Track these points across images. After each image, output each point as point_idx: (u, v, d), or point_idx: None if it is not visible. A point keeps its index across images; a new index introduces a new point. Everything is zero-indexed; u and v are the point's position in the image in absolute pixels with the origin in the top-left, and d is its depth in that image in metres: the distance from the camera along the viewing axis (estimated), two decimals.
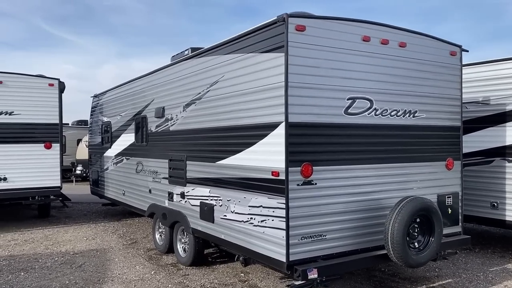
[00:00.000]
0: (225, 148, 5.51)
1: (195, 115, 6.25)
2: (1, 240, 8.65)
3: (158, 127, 7.49)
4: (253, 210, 4.95)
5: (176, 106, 6.84)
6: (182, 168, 6.63)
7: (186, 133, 6.54)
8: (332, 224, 4.73)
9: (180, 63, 6.80)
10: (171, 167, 7.01)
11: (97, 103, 11.43)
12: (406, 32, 5.33)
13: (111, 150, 10.01)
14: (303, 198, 4.53)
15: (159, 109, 7.40)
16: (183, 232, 6.87)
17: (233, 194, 5.34)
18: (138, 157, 8.47)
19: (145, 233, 9.15)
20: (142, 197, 8.26)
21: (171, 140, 7.02)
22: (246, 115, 5.07)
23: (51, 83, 9.93)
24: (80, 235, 9.01)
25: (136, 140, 8.51)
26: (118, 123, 9.58)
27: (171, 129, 7.03)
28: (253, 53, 4.91)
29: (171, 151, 7.03)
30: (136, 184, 8.58)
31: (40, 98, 9.79)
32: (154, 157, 7.71)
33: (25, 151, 9.59)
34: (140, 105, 8.38)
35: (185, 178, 6.54)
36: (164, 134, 7.29)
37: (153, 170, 7.73)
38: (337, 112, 4.77)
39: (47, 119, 9.87)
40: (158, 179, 7.53)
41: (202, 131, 6.06)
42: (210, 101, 5.87)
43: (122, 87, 9.54)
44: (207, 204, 5.91)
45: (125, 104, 9.25)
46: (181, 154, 6.66)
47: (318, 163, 4.63)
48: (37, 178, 9.66)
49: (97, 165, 11.30)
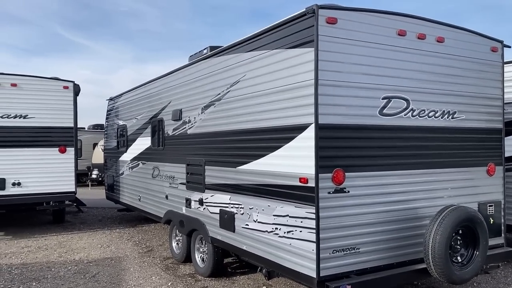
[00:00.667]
0: (247, 152, 5.14)
1: (214, 117, 5.90)
2: (15, 246, 8.41)
3: (175, 130, 7.17)
4: (278, 220, 4.56)
5: (194, 108, 6.50)
6: (200, 174, 6.28)
7: (204, 136, 6.19)
8: (366, 236, 4.30)
9: (198, 63, 6.46)
10: (189, 172, 6.66)
11: (113, 106, 11.19)
12: (444, 26, 4.89)
13: (127, 154, 9.73)
14: (335, 207, 4.12)
15: (176, 111, 7.07)
16: (201, 241, 6.51)
17: (255, 201, 4.96)
18: (154, 162, 8.15)
19: (161, 240, 8.82)
20: (159, 203, 7.93)
21: (189, 144, 6.68)
22: (270, 117, 4.69)
23: (65, 86, 9.70)
24: (94, 242, 8.73)
25: (152, 144, 8.20)
26: (134, 126, 9.29)
27: (188, 133, 6.69)
28: (279, 49, 4.53)
29: (188, 156, 6.68)
30: (152, 190, 8.26)
31: (54, 101, 9.57)
32: (171, 161, 7.38)
33: (39, 155, 9.36)
34: (156, 107, 8.08)
35: (203, 184, 6.19)
36: (181, 138, 6.95)
37: (170, 175, 7.40)
38: (371, 113, 4.36)
39: (61, 123, 9.64)
40: (175, 184, 7.20)
41: (221, 134, 5.71)
42: (230, 102, 5.51)
43: (138, 89, 9.26)
44: (227, 212, 5.53)
45: (141, 107, 8.96)
46: (199, 158, 6.31)
47: (351, 169, 4.22)
48: (51, 183, 9.42)
49: (112, 170, 11.05)
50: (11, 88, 9.15)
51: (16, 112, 9.20)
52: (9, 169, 9.08)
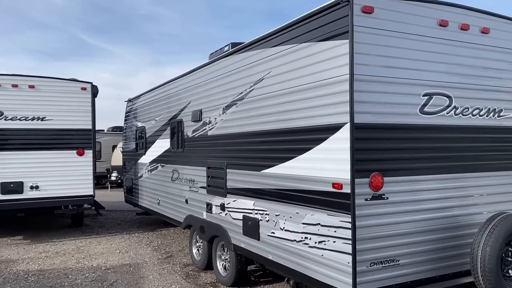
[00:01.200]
0: (272, 155, 4.79)
1: (237, 117, 5.57)
2: (33, 251, 8.23)
3: (195, 132, 6.86)
4: (308, 229, 4.19)
5: (215, 109, 6.18)
6: (221, 177, 5.95)
7: (226, 138, 5.86)
8: (406, 247, 3.90)
9: (219, 61, 6.14)
10: (210, 176, 6.35)
11: (131, 108, 10.98)
12: (489, 16, 4.46)
13: (146, 157, 9.48)
14: (372, 215, 3.73)
15: (196, 112, 6.76)
16: (223, 248, 6.18)
17: (282, 208, 4.60)
18: (173, 164, 7.87)
19: (181, 246, 8.53)
20: (178, 208, 7.64)
21: (210, 146, 6.37)
22: (299, 116, 4.33)
23: (83, 87, 9.51)
24: (113, 247, 8.49)
25: (172, 146, 7.92)
26: (153, 128, 9.04)
27: (209, 134, 6.37)
28: (309, 42, 4.17)
29: (209, 158, 6.37)
30: (171, 193, 7.98)
31: (72, 102, 9.38)
32: (190, 164, 7.08)
33: (57, 158, 9.19)
34: (175, 108, 7.79)
35: (225, 188, 5.86)
36: (201, 140, 6.65)
37: (190, 178, 7.10)
38: (411, 111, 3.96)
39: (79, 125, 9.45)
40: (195, 188, 6.89)
41: (244, 135, 5.37)
42: (254, 101, 5.16)
43: (157, 90, 9.01)
44: (251, 218, 5.19)
45: (159, 108, 8.69)
46: (221, 161, 5.99)
47: (390, 173, 3.82)
48: (69, 187, 9.23)
49: (131, 173, 10.83)
50: (28, 90, 9.00)
51: (34, 114, 9.04)
52: (27, 172, 8.92)
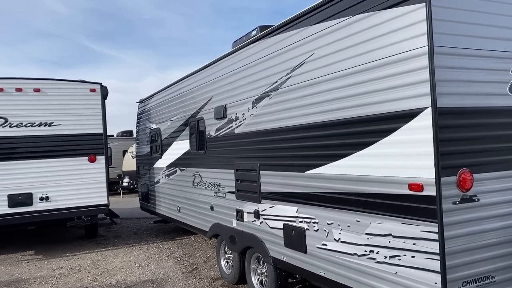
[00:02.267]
0: (320, 152, 4.05)
1: (270, 111, 4.83)
2: (45, 268, 7.57)
3: (219, 130, 6.14)
4: (374, 240, 3.44)
5: (242, 103, 5.45)
6: (254, 180, 5.22)
7: (257, 135, 5.13)
8: (502, 259, 3.14)
9: (245, 48, 5.41)
10: (239, 179, 5.62)
11: (144, 109, 10.29)
12: None
13: (162, 161, 8.78)
14: (463, 223, 2.98)
15: (220, 108, 6.04)
16: (258, 260, 5.46)
17: (337, 215, 3.85)
18: (194, 168, 7.16)
19: (205, 256, 7.82)
20: (202, 215, 6.93)
21: (237, 145, 5.64)
22: (355, 104, 3.58)
23: (92, 88, 8.84)
24: (131, 261, 7.80)
25: (192, 147, 7.21)
26: (169, 129, 8.34)
27: (236, 132, 5.65)
28: (366, 12, 3.42)
29: (237, 159, 5.64)
30: (193, 200, 7.27)
31: (81, 105, 8.71)
32: (215, 166, 6.36)
33: (67, 166, 8.52)
34: (194, 106, 7.08)
35: (259, 192, 5.13)
36: (227, 139, 5.92)
37: (215, 182, 6.38)
38: (499, 91, 3.20)
39: (90, 129, 8.77)
40: (221, 193, 6.17)
41: (281, 131, 4.63)
42: (292, 90, 4.43)
43: (172, 88, 8.31)
44: (295, 227, 4.45)
45: (176, 107, 7.99)
46: (252, 162, 5.26)
47: (479, 169, 3.06)
48: (82, 196, 8.56)
49: (146, 178, 10.14)
50: (34, 94, 8.35)
51: (41, 119, 8.38)
52: (35, 183, 8.26)
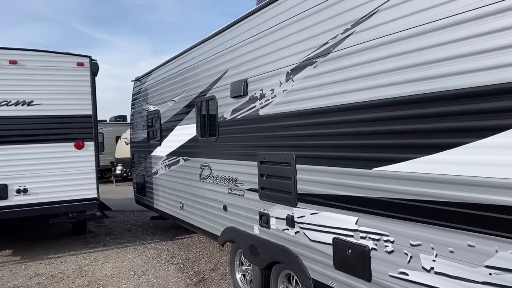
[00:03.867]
0: (400, 141, 2.81)
1: (315, 85, 3.59)
2: (21, 275, 6.33)
3: (237, 112, 4.89)
4: (502, 278, 2.24)
5: (272, 75, 4.20)
6: (287, 177, 4.00)
7: (294, 117, 3.89)
8: None
9: (279, 2, 4.13)
10: (264, 174, 4.39)
11: (140, 89, 8.98)
12: None
13: (161, 148, 7.52)
14: None
15: (239, 84, 4.79)
16: (289, 280, 4.26)
17: (429, 234, 2.64)
18: (202, 158, 5.91)
19: (213, 262, 6.62)
20: (212, 216, 5.70)
21: (263, 130, 4.40)
22: (467, 69, 2.34)
23: (80, 62, 7.51)
24: (125, 267, 6.58)
25: (199, 133, 5.95)
26: (170, 111, 7.06)
27: (261, 114, 4.40)
28: None
29: (262, 149, 4.41)
30: (201, 196, 6.03)
31: (66, 82, 7.39)
32: (230, 157, 5.12)
33: (49, 152, 7.23)
34: (203, 82, 5.81)
35: (294, 193, 3.91)
36: (248, 122, 4.67)
37: (230, 177, 5.15)
38: None
39: (76, 110, 7.47)
40: (238, 191, 4.94)
41: (333, 111, 3.39)
42: (354, 53, 3.18)
43: (174, 62, 7.01)
44: (353, 245, 3.24)
45: (179, 85, 6.71)
46: (285, 153, 4.02)
47: None
48: (67, 189, 7.30)
49: (142, 168, 8.88)
50: (9, 67, 7.01)
51: (18, 97, 7.06)
52: (11, 172, 6.97)
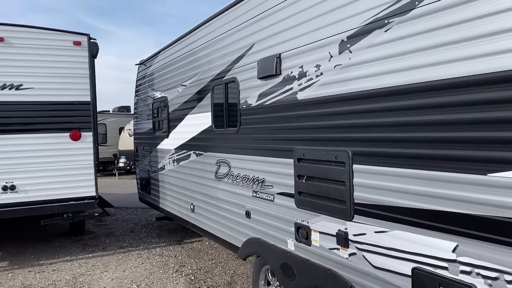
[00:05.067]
0: None
1: (387, 55, 2.62)
2: (7, 286, 5.43)
3: (265, 96, 3.92)
4: None
5: (317, 47, 3.23)
6: (338, 180, 3.04)
7: (350, 101, 2.92)
8: None
9: None
10: (303, 175, 3.43)
11: (145, 74, 8.02)
12: None
13: (169, 141, 6.58)
14: None
15: (269, 61, 3.82)
16: None
17: None
18: (219, 152, 4.96)
19: (228, 273, 5.69)
20: (231, 222, 4.76)
21: (302, 119, 3.43)
22: None
23: (77, 41, 6.55)
24: (127, 277, 5.66)
25: (215, 123, 5.00)
26: (180, 98, 6.11)
27: (301, 98, 3.43)
28: None
29: (301, 142, 3.45)
30: (216, 198, 5.09)
31: (61, 63, 6.44)
32: (255, 152, 4.17)
33: (41, 144, 6.31)
34: (221, 62, 4.84)
35: (349, 202, 2.95)
36: (281, 109, 3.71)
37: (254, 176, 4.20)
38: None
39: (73, 96, 6.53)
40: (266, 194, 3.99)
41: (419, 91, 2.43)
42: (455, 6, 2.21)
43: (184, 41, 6.04)
44: (449, 281, 2.29)
45: (190, 67, 5.75)
46: (336, 148, 3.06)
47: None
48: (61, 186, 6.37)
49: (146, 163, 7.94)
50: None
51: (5, 80, 6.11)
52: None
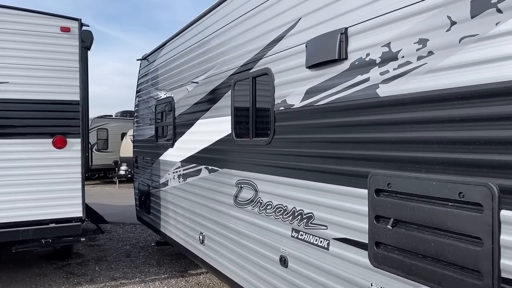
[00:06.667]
0: None
1: None
2: None
3: (317, 93, 2.68)
4: None
5: (421, 11, 2.00)
6: (467, 235, 1.78)
7: (494, 99, 1.68)
8: None
9: None
10: (386, 218, 2.17)
11: (148, 71, 6.81)
12: None
13: (174, 151, 5.34)
14: None
15: (328, 40, 2.58)
16: None
17: None
18: (240, 170, 3.71)
19: None
20: (256, 268, 3.49)
21: (387, 128, 2.18)
22: None
23: (65, 27, 5.35)
24: None
25: (237, 131, 3.76)
26: (189, 98, 4.88)
27: (385, 94, 2.19)
28: None
29: (383, 165, 2.19)
30: (235, 231, 3.83)
31: (45, 53, 5.24)
32: (297, 174, 2.91)
33: (15, 152, 5.08)
34: (246, 49, 3.61)
35: (491, 275, 1.69)
36: (345, 112, 2.46)
37: (296, 209, 2.94)
38: None
39: (58, 94, 5.32)
40: (316, 238, 2.73)
41: None
42: None
43: (195, 27, 4.83)
44: None
45: (203, 59, 4.53)
46: (462, 179, 1.81)
47: None
48: (39, 204, 5.14)
49: (146, 176, 6.69)
50: None
51: None
52: None
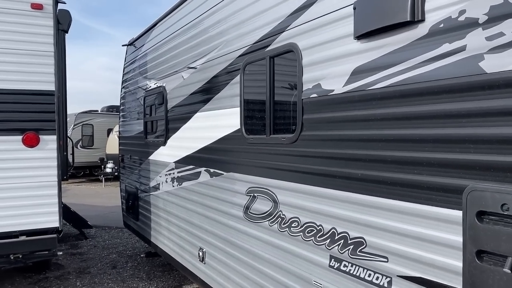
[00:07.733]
0: None
1: None
2: None
3: (373, 72, 1.94)
4: None
5: None
6: None
7: None
8: None
9: None
10: (498, 255, 1.45)
11: (135, 57, 6.00)
12: None
13: (167, 150, 4.55)
14: None
15: None
16: None
17: None
18: (253, 175, 2.95)
19: None
20: None
21: (502, 121, 1.46)
22: None
23: (36, 4, 4.51)
24: None
25: (248, 126, 3.00)
26: (185, 87, 4.09)
27: (494, 70, 1.46)
28: None
29: (493, 175, 1.47)
30: (245, 250, 3.07)
31: (13, 35, 4.41)
32: (338, 184, 2.17)
33: None
34: (262, 22, 2.84)
35: None
36: (423, 98, 1.73)
37: (336, 230, 2.20)
38: None
39: (29, 83, 4.49)
40: (370, 273, 2.00)
41: None
42: None
43: (191, 2, 4.05)
44: None
45: (202, 39, 3.75)
46: None
47: None
48: (6, 213, 4.32)
49: (134, 177, 5.88)
50: None
51: None
52: None
